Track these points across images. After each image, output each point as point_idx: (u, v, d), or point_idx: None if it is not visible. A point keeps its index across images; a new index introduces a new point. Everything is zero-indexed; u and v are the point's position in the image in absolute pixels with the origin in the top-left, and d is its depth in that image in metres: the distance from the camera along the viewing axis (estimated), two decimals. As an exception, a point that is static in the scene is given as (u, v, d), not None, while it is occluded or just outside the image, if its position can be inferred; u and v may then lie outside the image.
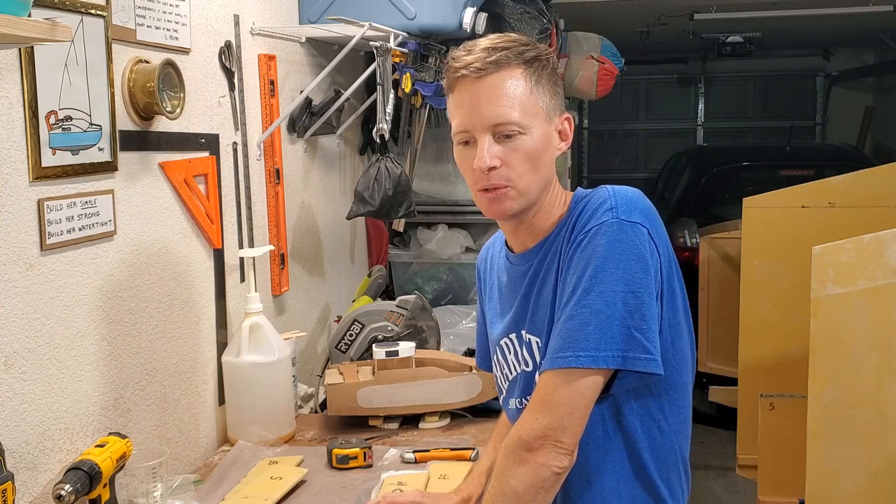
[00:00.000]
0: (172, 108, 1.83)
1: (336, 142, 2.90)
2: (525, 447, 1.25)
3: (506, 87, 1.29)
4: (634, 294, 1.23)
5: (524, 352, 1.40)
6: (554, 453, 1.23)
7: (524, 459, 1.25)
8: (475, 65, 1.29)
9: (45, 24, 1.23)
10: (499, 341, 1.48)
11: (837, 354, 2.04)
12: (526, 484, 1.24)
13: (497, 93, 1.29)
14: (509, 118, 1.28)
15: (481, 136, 1.30)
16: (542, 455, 1.23)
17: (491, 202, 1.33)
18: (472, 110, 1.30)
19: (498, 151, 1.29)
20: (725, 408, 3.81)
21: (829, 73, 8.91)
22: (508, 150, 1.29)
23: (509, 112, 1.28)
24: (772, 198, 3.12)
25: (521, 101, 1.29)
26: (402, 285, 3.34)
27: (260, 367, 2.05)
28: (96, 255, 1.66)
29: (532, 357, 1.39)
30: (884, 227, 2.06)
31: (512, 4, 3.06)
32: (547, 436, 1.23)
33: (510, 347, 1.45)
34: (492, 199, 1.32)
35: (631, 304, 1.22)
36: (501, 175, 1.30)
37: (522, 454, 1.25)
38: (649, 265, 1.25)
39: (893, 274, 1.98)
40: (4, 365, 1.44)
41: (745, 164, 5.93)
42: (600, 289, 1.23)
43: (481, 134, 1.30)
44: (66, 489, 1.44)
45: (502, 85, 1.29)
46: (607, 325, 1.22)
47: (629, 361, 1.22)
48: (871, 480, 2.03)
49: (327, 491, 1.80)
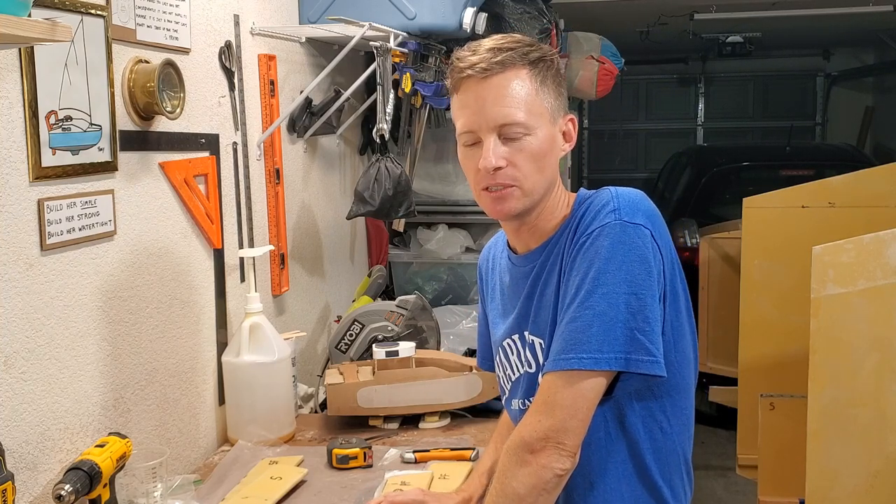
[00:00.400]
0: (172, 108, 1.83)
1: (336, 142, 2.90)
2: (527, 449, 1.25)
3: (511, 87, 1.29)
4: (637, 296, 1.23)
5: (527, 353, 1.40)
6: (556, 455, 1.23)
7: (526, 461, 1.25)
8: (480, 65, 1.28)
9: (45, 24, 1.23)
10: (501, 342, 1.48)
11: (837, 354, 2.04)
12: (528, 486, 1.25)
13: (503, 93, 1.28)
14: (515, 119, 1.28)
15: (487, 137, 1.29)
16: (544, 457, 1.24)
17: (495, 201, 1.32)
18: (478, 111, 1.29)
19: (503, 152, 1.29)
20: (725, 408, 3.81)
21: (829, 73, 8.91)
22: (514, 151, 1.29)
23: (515, 112, 1.28)
24: (772, 198, 3.12)
25: (527, 102, 1.29)
26: (402, 285, 3.34)
27: (260, 367, 2.05)
28: (96, 255, 1.66)
29: (535, 358, 1.39)
30: (884, 227, 2.06)
31: (512, 4, 3.06)
32: (549, 437, 1.23)
33: (513, 348, 1.45)
34: (496, 199, 1.32)
35: (634, 305, 1.23)
36: (507, 175, 1.30)
37: (525, 456, 1.25)
38: (652, 267, 1.25)
39: (893, 274, 1.98)
40: (4, 365, 1.44)
41: (745, 164, 5.93)
42: (603, 290, 1.23)
43: (487, 134, 1.29)
44: (66, 489, 1.44)
45: (508, 85, 1.28)
46: (610, 326, 1.22)
47: (632, 363, 1.23)
48: (871, 480, 2.03)
49: (327, 491, 1.80)
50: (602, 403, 1.28)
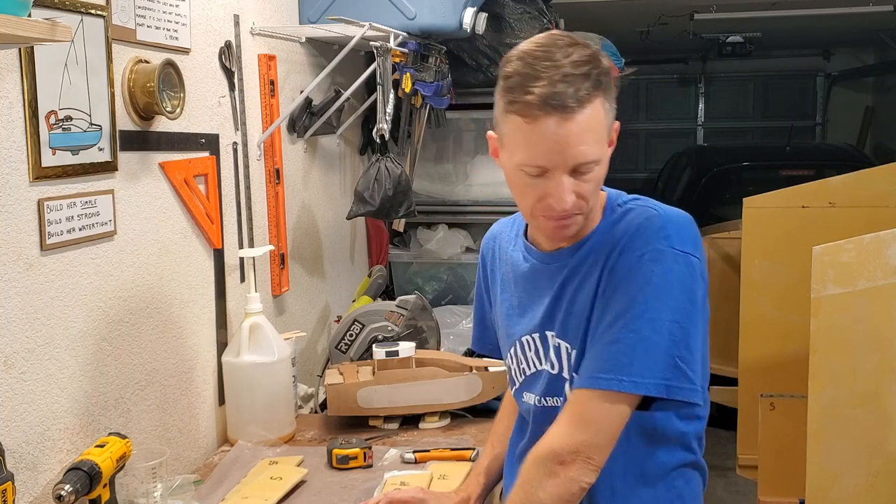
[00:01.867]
0: (172, 108, 1.83)
1: (336, 142, 2.90)
2: (557, 460, 1.27)
3: (591, 125, 1.22)
4: (681, 325, 1.25)
5: (551, 354, 1.40)
6: (585, 469, 1.26)
7: (555, 472, 1.27)
8: (557, 101, 1.19)
9: (45, 24, 1.23)
10: (519, 337, 1.46)
11: (837, 354, 2.04)
12: (554, 497, 1.27)
13: (582, 132, 1.21)
14: (592, 157, 1.24)
15: (560, 175, 1.24)
16: (573, 470, 1.26)
17: (559, 229, 1.31)
18: (555, 151, 1.22)
19: (572, 185, 1.25)
20: (725, 408, 3.81)
21: (829, 73, 8.91)
22: (581, 183, 1.26)
23: (592, 151, 1.24)
24: (772, 198, 3.12)
25: (600, 135, 1.25)
26: (402, 285, 3.34)
27: (260, 367, 2.04)
28: (96, 255, 1.66)
29: (559, 361, 1.38)
30: (884, 227, 2.06)
31: (512, 4, 3.06)
32: (580, 451, 1.26)
33: (531, 345, 1.44)
34: (560, 227, 1.30)
35: (677, 334, 1.25)
36: (575, 205, 1.27)
37: (554, 467, 1.27)
38: (697, 297, 1.27)
39: (893, 274, 1.98)
40: (4, 365, 1.44)
41: (745, 164, 5.93)
42: (649, 316, 1.24)
43: (560, 173, 1.24)
44: (66, 489, 1.44)
45: (587, 123, 1.21)
46: (653, 352, 1.24)
47: (672, 391, 1.25)
48: (871, 480, 2.03)
49: (327, 491, 1.80)
50: None
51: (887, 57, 7.70)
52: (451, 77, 2.91)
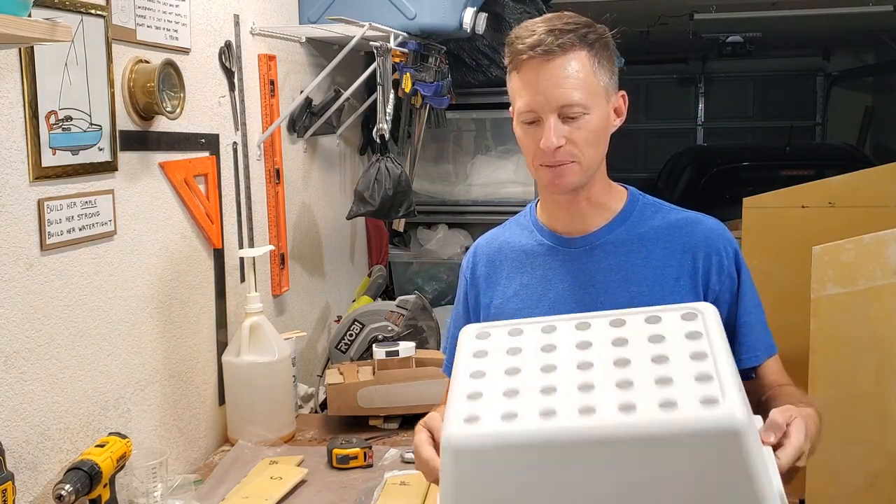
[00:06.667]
0: (172, 108, 1.83)
1: (336, 142, 2.90)
2: None
3: (572, 70, 1.34)
4: None
5: None
6: None
7: None
8: (541, 47, 1.33)
9: (45, 24, 1.23)
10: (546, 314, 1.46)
11: (837, 354, 2.04)
12: None
13: (563, 76, 1.33)
14: (575, 100, 1.33)
15: (548, 117, 1.34)
16: None
17: (555, 176, 1.38)
18: (540, 92, 1.34)
19: (563, 130, 1.34)
20: (725, 408, 3.80)
21: (829, 73, 8.91)
22: (573, 129, 1.35)
23: (575, 94, 1.33)
24: (772, 198, 3.12)
25: (585, 83, 1.35)
26: (402, 285, 3.34)
27: (260, 367, 2.05)
28: (96, 255, 1.66)
29: None
30: (884, 227, 2.06)
31: (512, 4, 3.06)
32: None
33: None
34: (556, 174, 1.37)
35: None
36: (566, 152, 1.35)
37: None
38: None
39: (893, 274, 1.98)
40: (4, 365, 1.44)
41: (745, 164, 5.93)
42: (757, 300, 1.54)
43: (548, 115, 1.34)
44: (67, 489, 1.44)
45: (568, 67, 1.33)
46: None
47: None
48: (871, 480, 2.03)
49: (327, 491, 1.80)
50: None
51: (887, 57, 7.70)
52: (451, 77, 2.92)
